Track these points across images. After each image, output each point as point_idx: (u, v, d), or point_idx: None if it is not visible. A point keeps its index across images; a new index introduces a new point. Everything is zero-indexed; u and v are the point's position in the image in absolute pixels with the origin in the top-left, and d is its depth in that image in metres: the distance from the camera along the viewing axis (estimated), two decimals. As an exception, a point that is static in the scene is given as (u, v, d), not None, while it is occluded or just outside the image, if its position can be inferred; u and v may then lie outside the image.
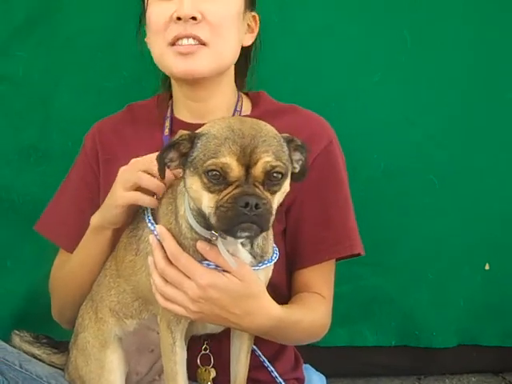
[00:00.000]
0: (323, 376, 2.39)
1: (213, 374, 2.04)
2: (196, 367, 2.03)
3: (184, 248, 1.77)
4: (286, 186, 1.71)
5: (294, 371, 2.25)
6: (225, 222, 1.61)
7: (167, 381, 1.88)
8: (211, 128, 1.69)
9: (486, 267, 2.78)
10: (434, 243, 2.74)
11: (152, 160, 1.80)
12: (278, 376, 2.11)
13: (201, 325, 1.92)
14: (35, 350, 2.23)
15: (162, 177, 1.75)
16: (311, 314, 2.05)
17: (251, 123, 1.69)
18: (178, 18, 2.01)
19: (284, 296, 2.09)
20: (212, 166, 1.61)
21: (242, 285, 1.76)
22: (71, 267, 2.15)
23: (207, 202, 1.64)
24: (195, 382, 2.02)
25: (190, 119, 2.17)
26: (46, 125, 2.61)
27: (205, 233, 1.74)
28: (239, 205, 1.58)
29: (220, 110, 2.15)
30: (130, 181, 1.90)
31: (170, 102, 2.24)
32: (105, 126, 2.28)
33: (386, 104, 2.63)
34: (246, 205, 1.58)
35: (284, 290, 2.13)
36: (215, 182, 1.62)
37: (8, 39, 2.54)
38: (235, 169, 1.61)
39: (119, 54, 2.55)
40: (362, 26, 2.60)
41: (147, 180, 1.88)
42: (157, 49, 2.10)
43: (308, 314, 2.03)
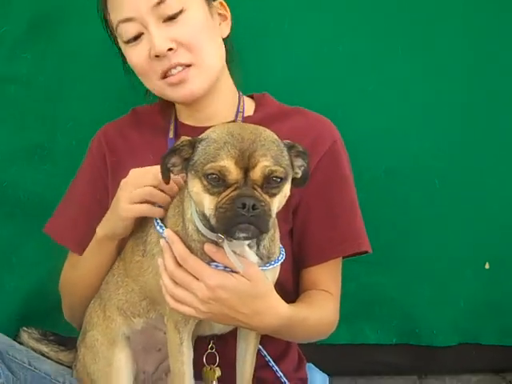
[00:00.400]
0: (326, 375, 2.40)
1: (218, 373, 2.05)
2: (201, 366, 2.04)
3: (192, 250, 1.79)
4: (287, 190, 1.73)
5: (297, 371, 2.27)
6: (223, 223, 1.64)
7: (174, 381, 1.90)
8: (212, 133, 1.73)
9: (486, 266, 2.78)
10: (435, 243, 2.74)
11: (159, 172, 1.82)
12: (283, 376, 2.14)
13: (207, 326, 1.94)
14: (43, 347, 2.25)
15: (167, 181, 1.78)
16: (319, 312, 2.07)
17: (251, 129, 1.72)
18: (157, 56, 2.05)
19: (291, 294, 2.11)
20: (211, 169, 1.65)
21: (250, 285, 1.78)
22: (79, 271, 2.17)
23: (208, 204, 1.67)
24: (200, 380, 2.04)
25: (194, 123, 2.20)
26: (51, 124, 2.62)
27: (211, 235, 1.77)
28: (237, 206, 1.61)
29: (222, 113, 2.18)
30: (139, 196, 1.91)
31: (174, 108, 2.26)
32: (111, 129, 2.30)
33: (388, 108, 2.63)
34: (244, 206, 1.61)
35: (290, 289, 2.15)
36: (215, 184, 1.65)
37: (15, 41, 2.55)
38: (233, 172, 1.64)
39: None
40: (367, 32, 2.60)
41: (159, 197, 1.92)
42: (150, 85, 2.15)
43: (316, 312, 2.06)
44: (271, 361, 2.13)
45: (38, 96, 2.60)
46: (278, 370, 2.14)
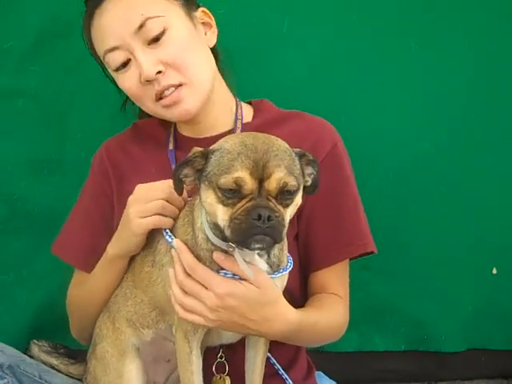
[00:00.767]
0: (335, 383, 2.41)
1: (228, 382, 2.06)
2: (211, 375, 2.05)
3: (201, 259, 1.81)
4: (298, 200, 1.74)
5: (306, 379, 2.27)
6: (239, 234, 1.65)
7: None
8: (225, 143, 1.73)
9: (494, 271, 2.78)
10: (442, 248, 2.74)
11: (170, 186, 1.84)
12: (292, 384, 2.15)
13: (216, 335, 1.95)
14: (53, 360, 2.27)
15: (180, 193, 1.80)
16: (329, 315, 2.08)
17: (263, 138, 1.73)
18: (148, 81, 2.06)
19: (298, 299, 2.12)
20: (226, 181, 1.65)
21: (259, 292, 1.79)
22: (88, 288, 2.17)
23: (222, 215, 1.68)
24: (210, 389, 2.05)
25: (194, 135, 2.22)
26: (60, 136, 2.64)
27: (221, 244, 1.78)
28: (252, 217, 1.63)
29: (221, 122, 2.20)
30: (151, 210, 1.93)
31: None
32: (112, 144, 2.31)
33: (393, 114, 2.64)
34: (259, 217, 1.62)
35: (298, 295, 2.16)
36: (229, 195, 1.66)
37: (23, 54, 2.57)
38: (249, 182, 1.65)
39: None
40: (370, 37, 2.61)
41: (170, 209, 1.94)
42: (146, 109, 2.18)
43: (326, 315, 2.06)
44: (280, 369, 2.14)
45: (46, 109, 2.62)
46: (287, 378, 2.15)
